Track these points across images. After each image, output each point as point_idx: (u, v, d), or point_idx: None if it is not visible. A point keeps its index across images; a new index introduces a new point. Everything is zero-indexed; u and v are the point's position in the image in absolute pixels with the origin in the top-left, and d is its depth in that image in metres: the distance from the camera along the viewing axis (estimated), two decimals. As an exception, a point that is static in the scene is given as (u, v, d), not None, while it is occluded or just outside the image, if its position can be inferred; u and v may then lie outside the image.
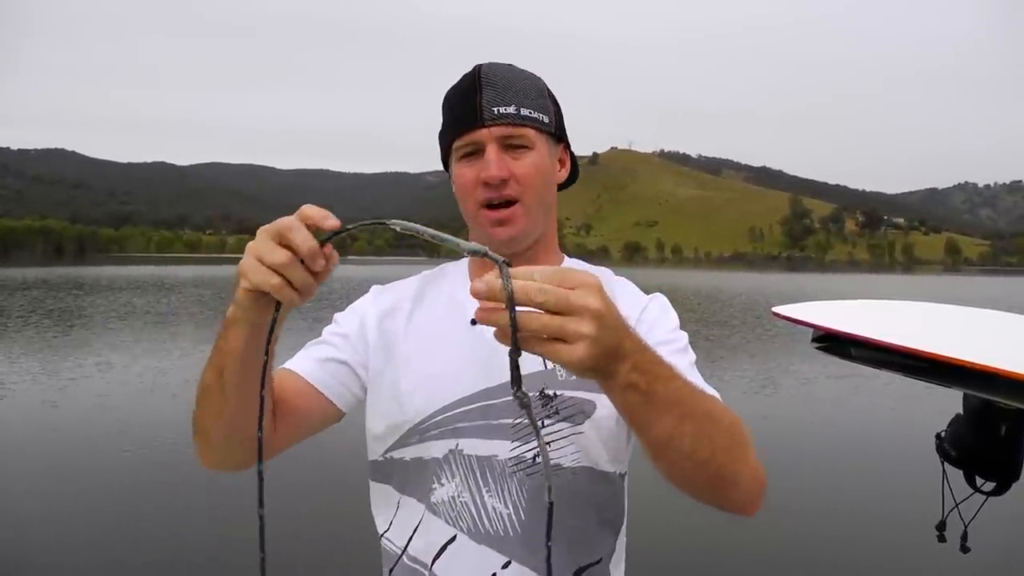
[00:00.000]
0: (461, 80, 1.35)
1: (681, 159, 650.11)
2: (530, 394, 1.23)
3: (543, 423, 1.27)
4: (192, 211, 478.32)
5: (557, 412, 1.28)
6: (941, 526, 2.31)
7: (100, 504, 6.33)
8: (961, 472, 2.28)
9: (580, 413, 1.29)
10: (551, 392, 1.29)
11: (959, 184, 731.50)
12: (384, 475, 1.38)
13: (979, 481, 2.26)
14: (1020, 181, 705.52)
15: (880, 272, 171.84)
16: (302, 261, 0.95)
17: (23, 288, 37.80)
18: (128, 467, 7.40)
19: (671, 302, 1.44)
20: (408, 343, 1.37)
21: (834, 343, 2.23)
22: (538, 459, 1.25)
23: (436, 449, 1.29)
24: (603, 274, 1.41)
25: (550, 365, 1.27)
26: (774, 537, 5.65)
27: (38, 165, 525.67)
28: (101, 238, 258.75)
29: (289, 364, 1.38)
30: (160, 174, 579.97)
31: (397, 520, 1.34)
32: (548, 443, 1.26)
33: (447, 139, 1.35)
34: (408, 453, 1.32)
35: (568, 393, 1.29)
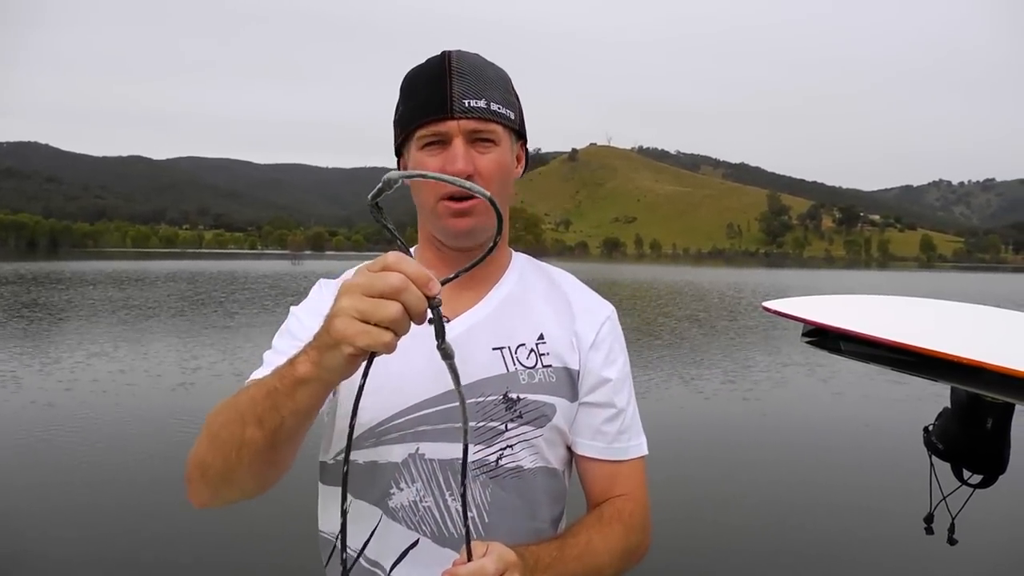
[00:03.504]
0: (427, 64, 1.31)
1: (660, 155, 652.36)
2: (492, 398, 1.28)
3: (507, 427, 1.28)
4: (168, 206, 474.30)
5: (520, 416, 1.29)
6: (929, 519, 2.34)
7: (75, 498, 6.26)
8: (949, 465, 2.32)
9: (542, 416, 1.31)
10: (514, 396, 1.29)
11: (934, 182, 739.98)
12: (334, 477, 1.33)
13: (966, 474, 2.29)
14: (993, 179, 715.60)
15: (857, 268, 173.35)
16: None
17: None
18: (105, 461, 7.33)
19: (651, 297, 1.45)
20: None
21: (824, 338, 2.25)
22: (500, 461, 1.27)
23: (394, 453, 1.27)
24: (564, 281, 1.47)
25: (512, 367, 1.30)
26: (763, 531, 5.70)
27: (9, 158, 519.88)
28: (75, 233, 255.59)
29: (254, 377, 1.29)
30: (136, 168, 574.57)
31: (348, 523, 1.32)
32: (511, 446, 1.28)
33: (408, 125, 1.30)
34: (361, 456, 1.28)
35: (530, 397, 1.30)
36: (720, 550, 5.43)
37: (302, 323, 1.33)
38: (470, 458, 1.20)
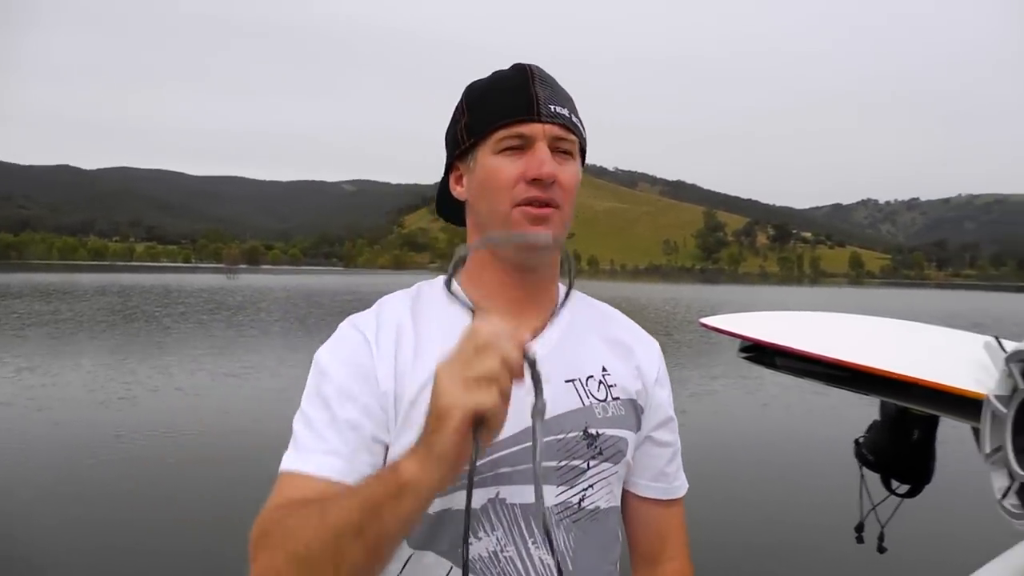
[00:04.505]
0: (502, 73, 1.24)
1: (598, 172, 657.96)
2: (572, 434, 1.20)
3: (588, 464, 1.20)
4: (98, 217, 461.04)
5: (600, 452, 1.21)
6: (859, 528, 2.42)
7: (14, 516, 6.06)
8: (878, 476, 2.40)
9: (618, 452, 1.24)
10: (594, 431, 1.21)
11: (862, 200, 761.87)
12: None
13: (895, 484, 2.38)
14: (918, 198, 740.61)
15: (790, 284, 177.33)
16: None
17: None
18: (40, 479, 7.11)
19: None
20: (422, 382, 1.14)
21: (760, 353, 2.31)
22: (582, 503, 1.20)
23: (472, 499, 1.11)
24: (611, 312, 1.40)
25: (587, 401, 1.23)
26: (693, 546, 5.76)
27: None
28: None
29: (324, 471, 1.09)
30: (64, 178, 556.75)
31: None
32: (591, 486, 1.21)
33: (484, 128, 1.19)
34: (433, 506, 1.10)
35: (608, 432, 1.23)
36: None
37: (342, 367, 1.17)
38: (553, 501, 1.16)
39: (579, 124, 1.23)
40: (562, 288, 1.32)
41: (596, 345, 1.30)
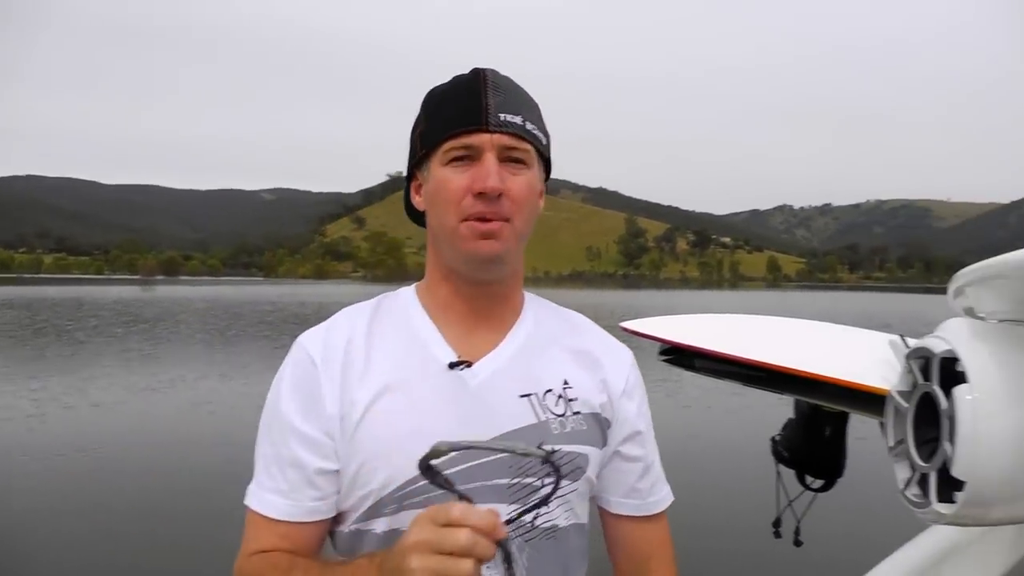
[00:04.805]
0: (456, 80, 1.20)
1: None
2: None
3: (543, 482, 1.15)
4: (3, 227, 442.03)
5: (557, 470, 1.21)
6: (777, 523, 2.50)
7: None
8: (794, 472, 2.49)
9: (577, 469, 1.21)
10: (549, 447, 1.11)
11: (778, 206, 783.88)
12: (348, 548, 1.18)
13: (809, 479, 2.47)
14: (830, 204, 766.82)
15: (710, 288, 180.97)
16: None
17: None
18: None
19: None
20: (371, 396, 1.15)
21: (679, 356, 2.37)
22: (536, 521, 1.17)
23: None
24: (580, 322, 1.36)
25: (542, 416, 1.19)
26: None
27: None
28: None
29: (267, 510, 1.16)
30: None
31: None
32: (546, 503, 1.13)
33: (434, 138, 1.17)
34: (381, 525, 1.14)
35: (565, 448, 1.19)
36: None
37: (290, 398, 1.17)
38: (503, 516, 1.09)
39: (536, 131, 1.18)
40: (527, 299, 1.31)
41: (559, 357, 1.26)
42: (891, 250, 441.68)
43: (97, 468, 8.19)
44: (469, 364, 1.19)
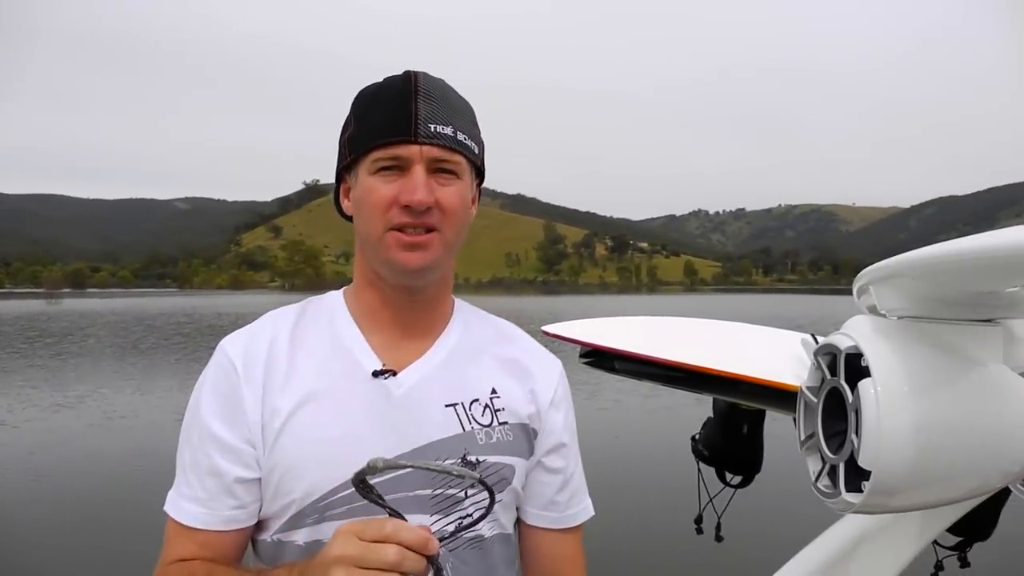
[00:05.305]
0: (387, 82, 1.17)
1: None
2: (449, 461, 1.14)
3: (466, 493, 1.16)
4: None
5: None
6: (699, 520, 2.55)
7: None
8: (714, 470, 2.55)
9: (502, 480, 1.20)
10: (473, 458, 1.16)
11: (694, 211, 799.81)
12: (270, 557, 1.16)
13: (728, 476, 2.54)
14: (744, 209, 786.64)
15: (629, 293, 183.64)
16: None
17: None
18: None
19: None
20: (294, 404, 1.14)
21: (600, 358, 2.40)
22: (459, 532, 1.15)
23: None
24: (511, 331, 1.35)
25: (468, 426, 1.18)
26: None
27: None
28: None
29: (185, 518, 1.14)
30: None
31: None
32: (469, 515, 1.16)
33: (362, 146, 1.14)
34: (302, 536, 1.13)
35: (490, 459, 1.18)
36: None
37: (212, 405, 1.15)
38: (436, 534, 1.08)
39: (467, 141, 1.16)
40: (457, 306, 1.31)
41: (487, 365, 1.25)
42: (802, 253, 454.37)
43: (7, 488, 7.86)
44: (394, 373, 1.18)
